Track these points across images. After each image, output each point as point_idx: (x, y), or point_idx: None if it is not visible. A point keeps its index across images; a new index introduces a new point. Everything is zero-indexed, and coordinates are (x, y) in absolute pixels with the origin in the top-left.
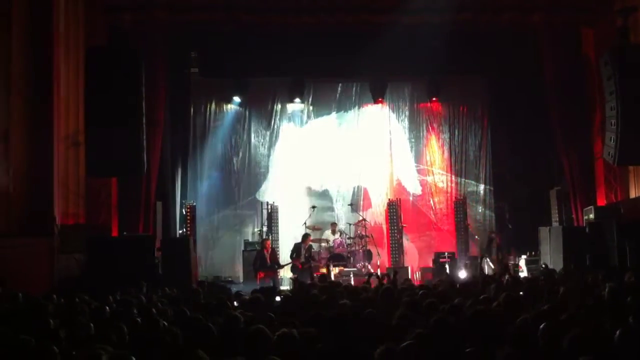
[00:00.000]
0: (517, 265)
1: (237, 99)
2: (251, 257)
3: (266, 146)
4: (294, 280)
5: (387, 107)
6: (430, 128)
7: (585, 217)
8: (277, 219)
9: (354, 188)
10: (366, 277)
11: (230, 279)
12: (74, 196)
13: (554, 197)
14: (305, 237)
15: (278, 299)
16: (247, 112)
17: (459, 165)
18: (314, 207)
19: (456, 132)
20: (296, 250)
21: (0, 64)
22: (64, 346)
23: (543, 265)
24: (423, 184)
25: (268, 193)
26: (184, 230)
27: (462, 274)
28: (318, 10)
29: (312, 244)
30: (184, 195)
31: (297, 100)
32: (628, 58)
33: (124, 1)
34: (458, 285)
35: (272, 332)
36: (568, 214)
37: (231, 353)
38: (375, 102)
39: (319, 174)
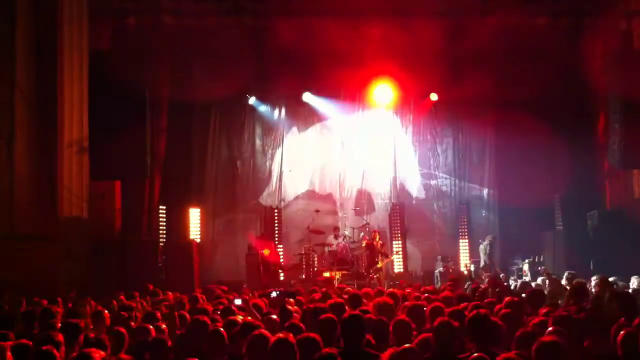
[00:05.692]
0: (521, 270)
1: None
2: (254, 261)
3: (270, 150)
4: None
5: (391, 111)
6: (434, 132)
7: (589, 222)
8: (281, 223)
9: (358, 192)
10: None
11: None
12: (77, 200)
13: (558, 201)
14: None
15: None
16: (251, 116)
17: (462, 169)
18: (317, 211)
19: (460, 136)
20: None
21: (5, 68)
22: (65, 350)
23: (541, 269)
24: (426, 188)
25: (271, 197)
26: (188, 234)
27: None
28: (323, 13)
29: (316, 248)
30: (187, 199)
31: (300, 103)
32: (632, 61)
33: (129, 5)
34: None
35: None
36: (572, 219)
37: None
38: (379, 106)
39: (322, 178)
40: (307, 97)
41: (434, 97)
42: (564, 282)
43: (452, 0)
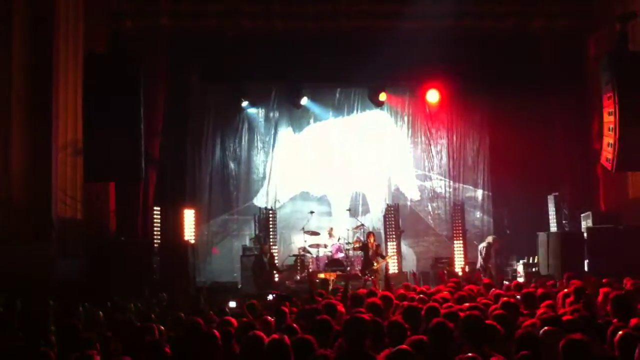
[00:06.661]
0: (515, 271)
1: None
2: (249, 262)
3: (264, 151)
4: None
5: (386, 112)
6: (428, 133)
7: (584, 223)
8: (275, 225)
9: (353, 193)
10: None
11: (228, 284)
12: (72, 201)
13: (552, 202)
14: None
15: None
16: (245, 118)
17: (457, 170)
18: (312, 212)
19: (454, 138)
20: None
21: (1, 70)
22: (59, 351)
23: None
24: (421, 189)
25: (266, 198)
26: (182, 235)
27: None
28: (319, 17)
29: (311, 249)
30: (182, 201)
31: (296, 105)
32: (626, 64)
33: (126, 7)
34: None
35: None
36: (566, 220)
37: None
38: (374, 107)
39: (317, 179)
40: (303, 99)
41: (431, 97)
42: None
43: (447, 3)
